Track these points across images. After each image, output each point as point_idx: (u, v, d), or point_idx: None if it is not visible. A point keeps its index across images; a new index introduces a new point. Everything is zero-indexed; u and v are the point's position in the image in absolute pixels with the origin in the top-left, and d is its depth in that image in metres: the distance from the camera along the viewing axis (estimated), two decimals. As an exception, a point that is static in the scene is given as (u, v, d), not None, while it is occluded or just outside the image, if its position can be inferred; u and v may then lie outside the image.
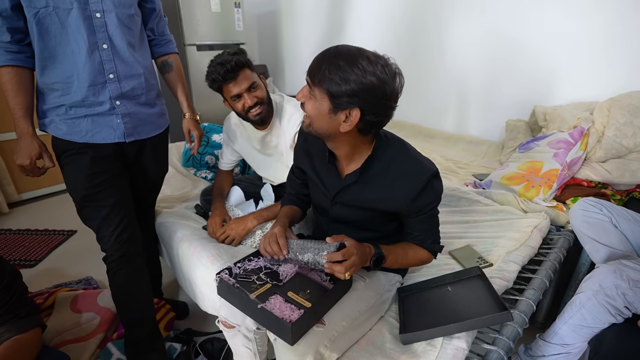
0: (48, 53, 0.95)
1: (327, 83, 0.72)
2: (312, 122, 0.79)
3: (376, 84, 0.71)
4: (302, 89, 0.80)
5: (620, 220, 1.11)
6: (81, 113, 1.01)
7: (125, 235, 1.07)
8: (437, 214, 0.91)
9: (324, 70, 0.72)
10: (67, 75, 0.97)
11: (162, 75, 1.26)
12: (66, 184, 1.07)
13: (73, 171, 1.05)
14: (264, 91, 1.20)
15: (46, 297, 1.38)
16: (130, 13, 1.02)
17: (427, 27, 2.39)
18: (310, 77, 0.75)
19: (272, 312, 0.73)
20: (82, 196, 1.05)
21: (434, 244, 0.93)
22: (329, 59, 0.72)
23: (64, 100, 0.99)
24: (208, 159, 1.85)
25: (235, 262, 0.90)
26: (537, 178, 1.52)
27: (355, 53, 0.72)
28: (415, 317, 0.87)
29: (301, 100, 0.80)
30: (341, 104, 0.73)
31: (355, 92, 0.71)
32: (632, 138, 1.53)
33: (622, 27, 1.68)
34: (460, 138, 2.31)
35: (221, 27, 2.80)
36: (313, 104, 0.77)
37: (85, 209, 1.07)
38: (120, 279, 1.09)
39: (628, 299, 0.87)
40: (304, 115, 0.81)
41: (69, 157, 1.04)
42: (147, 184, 1.26)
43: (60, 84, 0.98)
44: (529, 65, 2.01)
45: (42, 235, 2.14)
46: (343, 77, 0.71)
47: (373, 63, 0.71)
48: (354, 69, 0.70)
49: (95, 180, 1.04)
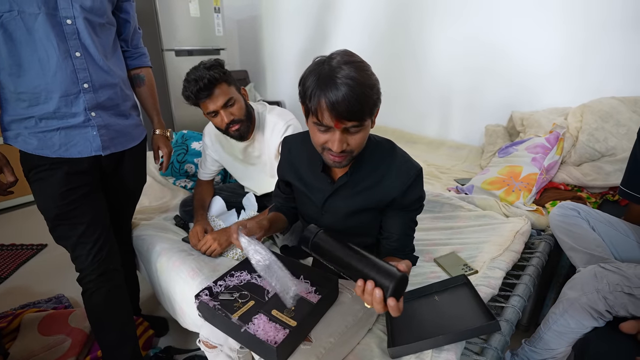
0: (13, 60, 0.89)
1: (370, 104, 0.70)
2: (357, 151, 0.76)
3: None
4: (335, 138, 0.71)
5: (597, 223, 1.14)
6: (53, 125, 0.94)
7: (104, 253, 1.01)
8: (416, 222, 0.91)
9: (364, 98, 0.68)
10: (35, 85, 0.90)
11: (133, 89, 1.20)
12: (37, 202, 0.99)
13: (45, 188, 0.97)
14: (242, 107, 1.16)
15: (10, 320, 1.28)
16: (102, 22, 0.97)
17: (410, 33, 2.42)
18: (352, 119, 0.69)
19: (255, 334, 0.70)
20: (55, 215, 0.98)
21: (411, 252, 0.91)
22: (355, 88, 0.67)
23: (33, 111, 0.92)
24: (187, 168, 1.79)
25: (216, 280, 0.86)
26: (517, 182, 1.55)
27: (351, 65, 0.69)
28: (403, 329, 0.86)
29: (344, 148, 0.73)
30: (377, 106, 0.74)
31: (378, 89, 0.72)
32: (604, 142, 1.59)
33: (593, 37, 1.75)
34: (442, 143, 2.34)
35: (201, 32, 2.75)
36: (362, 136, 0.74)
37: (59, 227, 0.99)
38: (98, 300, 1.02)
39: (609, 302, 0.89)
40: (343, 157, 0.75)
41: (40, 173, 0.97)
42: (124, 196, 1.20)
43: (27, 94, 0.91)
44: (507, 72, 2.06)
45: (8, 251, 2.01)
46: (376, 90, 0.70)
47: (354, 55, 0.71)
48: (369, 72, 0.70)
49: (69, 197, 0.97)
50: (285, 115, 1.26)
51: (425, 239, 1.31)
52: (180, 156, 1.79)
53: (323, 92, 0.68)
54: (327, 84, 0.67)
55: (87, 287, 1.01)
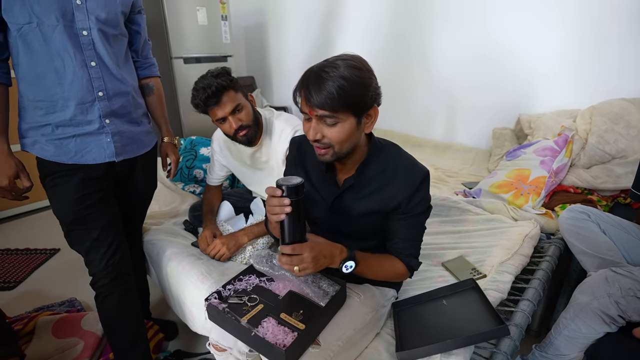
0: (31, 70, 0.92)
1: (350, 98, 0.70)
2: (339, 147, 0.75)
3: (373, 74, 0.73)
4: (310, 126, 0.74)
5: (607, 227, 1.13)
6: (69, 133, 0.97)
7: (117, 257, 1.03)
8: (424, 226, 0.89)
9: (342, 91, 0.68)
10: (52, 93, 0.94)
11: (143, 97, 1.23)
12: (53, 208, 1.02)
13: (61, 194, 1.00)
14: (250, 113, 1.19)
15: (26, 323, 1.31)
16: (115, 33, 1.01)
17: (415, 37, 2.43)
18: (324, 107, 0.70)
19: (264, 337, 0.71)
20: (71, 220, 1.00)
21: (412, 257, 0.89)
22: (335, 79, 0.68)
23: (50, 119, 0.96)
24: (196, 173, 1.82)
25: (225, 284, 0.87)
26: (526, 186, 1.53)
27: (345, 62, 0.71)
28: (411, 333, 0.86)
29: (317, 137, 0.74)
30: (365, 110, 0.74)
31: (374, 91, 0.72)
32: (614, 145, 1.57)
33: (601, 39, 1.74)
34: (449, 146, 2.33)
35: (208, 39, 2.80)
36: (338, 129, 0.73)
37: (74, 232, 1.02)
38: (111, 303, 1.04)
39: (621, 307, 0.87)
40: (323, 150, 0.76)
41: (56, 179, 0.99)
42: (136, 201, 1.23)
43: (44, 102, 0.94)
44: (514, 74, 2.05)
45: (23, 255, 2.05)
46: (362, 88, 0.71)
47: (355, 57, 0.73)
48: (363, 72, 0.71)
49: (85, 202, 1.00)
50: (292, 120, 1.28)
51: (432, 243, 1.31)
52: (189, 162, 1.82)
53: (305, 78, 0.73)
54: (313, 72, 0.72)
55: (100, 292, 1.03)
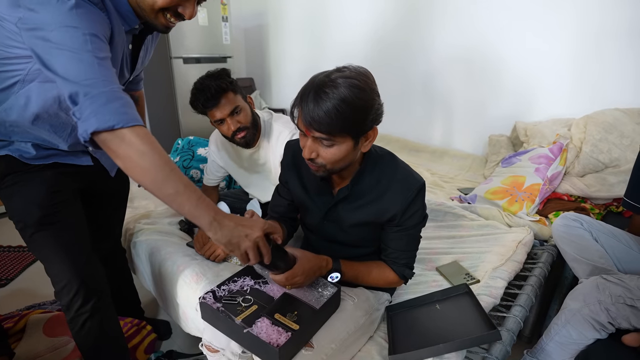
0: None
1: (349, 123, 0.68)
2: (332, 166, 0.75)
3: (377, 93, 0.71)
4: (306, 144, 0.73)
5: (600, 235, 1.14)
6: (63, 153, 0.89)
7: (92, 267, 0.95)
8: (419, 236, 0.90)
9: (340, 115, 0.66)
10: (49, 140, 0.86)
11: None
12: (12, 209, 0.86)
13: (30, 189, 0.86)
14: (248, 114, 1.19)
15: (17, 321, 1.29)
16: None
17: (413, 43, 2.45)
18: (320, 130, 0.68)
19: (258, 336, 0.71)
20: (40, 216, 0.86)
21: (405, 267, 0.89)
22: (334, 100, 0.66)
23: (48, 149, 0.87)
24: (193, 173, 1.82)
25: (219, 285, 0.87)
26: (520, 192, 1.55)
27: (347, 81, 0.68)
28: (404, 337, 0.86)
29: (313, 156, 0.73)
30: (365, 131, 0.72)
31: (375, 113, 0.71)
32: (608, 154, 1.60)
33: (597, 49, 1.77)
34: (445, 152, 2.35)
35: (208, 40, 2.80)
36: (334, 151, 0.72)
37: (40, 233, 0.87)
38: (94, 325, 0.94)
39: (611, 314, 0.89)
40: (316, 167, 0.76)
41: (23, 174, 0.85)
42: (109, 197, 1.13)
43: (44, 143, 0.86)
44: (511, 82, 2.08)
45: (15, 252, 2.03)
46: (363, 111, 0.69)
47: (359, 74, 0.70)
48: (365, 93, 0.68)
49: (57, 198, 0.89)
50: (290, 123, 1.29)
51: (427, 248, 1.32)
52: (186, 162, 1.82)
53: (304, 96, 0.69)
54: (312, 90, 0.68)
55: (80, 312, 0.92)
